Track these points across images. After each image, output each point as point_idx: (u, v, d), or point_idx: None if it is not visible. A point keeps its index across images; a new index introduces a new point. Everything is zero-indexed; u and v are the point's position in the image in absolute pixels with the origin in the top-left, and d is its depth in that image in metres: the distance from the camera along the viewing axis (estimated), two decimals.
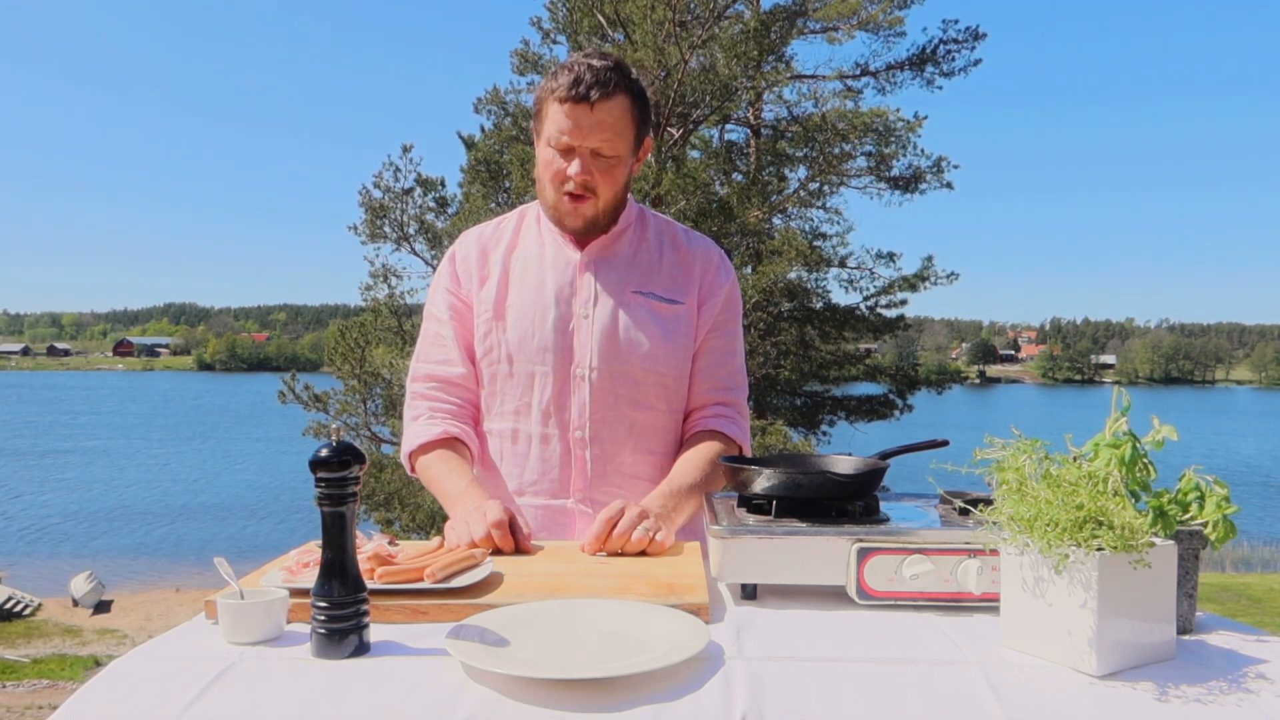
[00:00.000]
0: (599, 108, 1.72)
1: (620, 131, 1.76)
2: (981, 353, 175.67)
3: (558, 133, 1.74)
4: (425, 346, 1.94)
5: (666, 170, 11.61)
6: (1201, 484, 1.19)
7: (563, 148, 1.75)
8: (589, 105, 1.71)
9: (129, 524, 27.42)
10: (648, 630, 1.14)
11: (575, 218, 1.81)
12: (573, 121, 1.72)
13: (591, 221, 1.82)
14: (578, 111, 1.72)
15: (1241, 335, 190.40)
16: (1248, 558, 21.11)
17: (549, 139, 1.76)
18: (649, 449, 1.86)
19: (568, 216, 1.81)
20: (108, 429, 58.71)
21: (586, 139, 1.73)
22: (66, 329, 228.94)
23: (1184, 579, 1.18)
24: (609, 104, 1.73)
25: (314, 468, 1.09)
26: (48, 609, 18.20)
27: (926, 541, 1.28)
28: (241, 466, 40.43)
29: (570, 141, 1.74)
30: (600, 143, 1.74)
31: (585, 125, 1.72)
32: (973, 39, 15.70)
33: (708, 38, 11.96)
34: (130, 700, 0.98)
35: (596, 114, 1.72)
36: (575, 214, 1.80)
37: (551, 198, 1.81)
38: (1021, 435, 1.17)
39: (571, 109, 1.72)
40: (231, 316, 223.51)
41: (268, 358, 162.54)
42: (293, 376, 13.62)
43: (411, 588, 1.26)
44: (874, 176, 16.02)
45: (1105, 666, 1.04)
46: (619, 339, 1.81)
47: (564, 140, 1.74)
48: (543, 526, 1.82)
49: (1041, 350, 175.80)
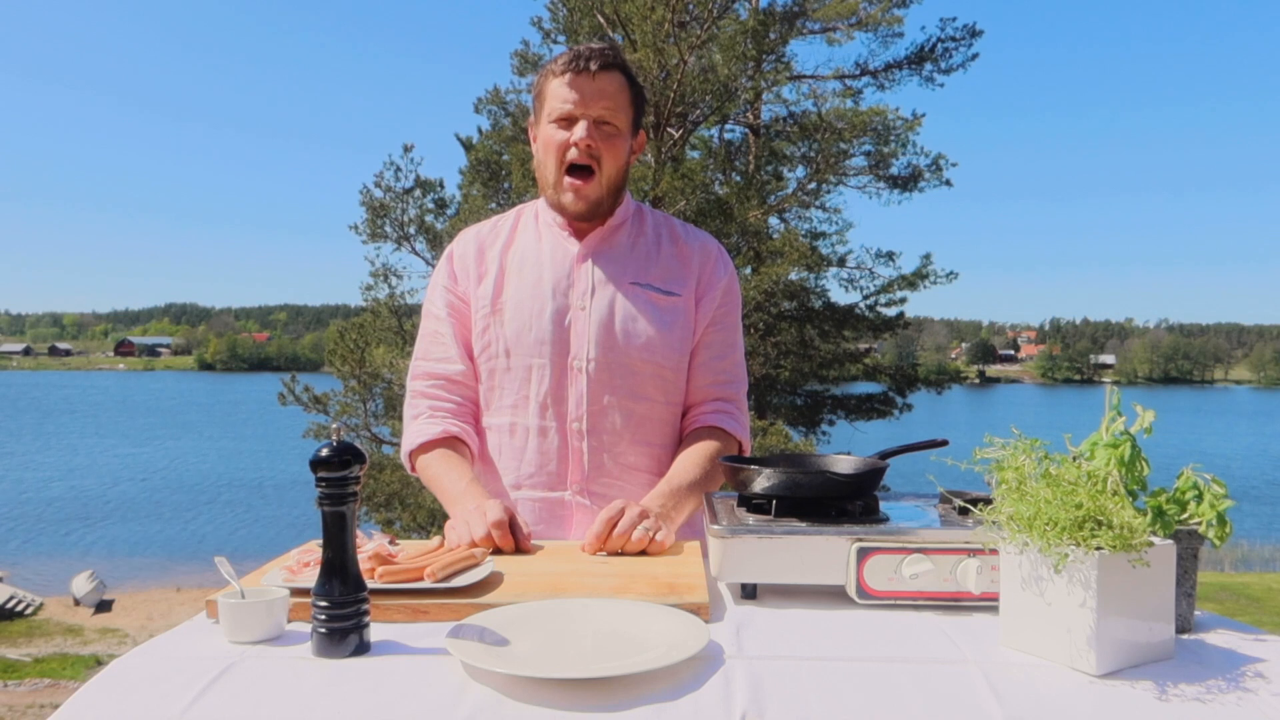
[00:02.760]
0: (600, 77, 1.77)
1: (620, 104, 1.80)
2: (981, 353, 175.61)
3: (560, 104, 1.77)
4: (424, 345, 1.94)
5: (666, 170, 11.61)
6: (1200, 482, 1.19)
7: (566, 117, 1.78)
8: (590, 75, 1.76)
9: (130, 524, 27.42)
10: (648, 630, 1.14)
11: (578, 200, 1.81)
12: (575, 91, 1.76)
13: (595, 204, 1.82)
14: (579, 81, 1.76)
15: (1240, 335, 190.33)
16: (1246, 557, 21.12)
17: (550, 114, 1.79)
18: (646, 440, 1.85)
19: (570, 199, 1.82)
20: (108, 428, 58.69)
21: (589, 107, 1.77)
22: (68, 329, 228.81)
23: (1183, 578, 1.18)
24: (608, 75, 1.78)
25: (314, 468, 1.10)
26: (49, 608, 18.21)
27: (926, 541, 1.28)
28: (242, 466, 40.42)
29: (573, 110, 1.77)
30: (602, 110, 1.77)
31: (588, 93, 1.77)
32: (970, 36, 15.77)
33: (707, 38, 11.96)
34: (131, 699, 0.98)
35: (598, 83, 1.77)
36: (578, 195, 1.81)
37: (554, 177, 1.81)
38: (1021, 435, 1.17)
39: (573, 79, 1.77)
40: (232, 316, 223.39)
41: (268, 358, 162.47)
42: (293, 378, 13.62)
43: (412, 587, 1.26)
44: (873, 175, 16.05)
45: (1104, 666, 1.04)
46: (616, 330, 1.82)
47: (567, 109, 1.77)
48: (540, 519, 1.82)
49: (1041, 350, 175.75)
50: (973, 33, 15.75)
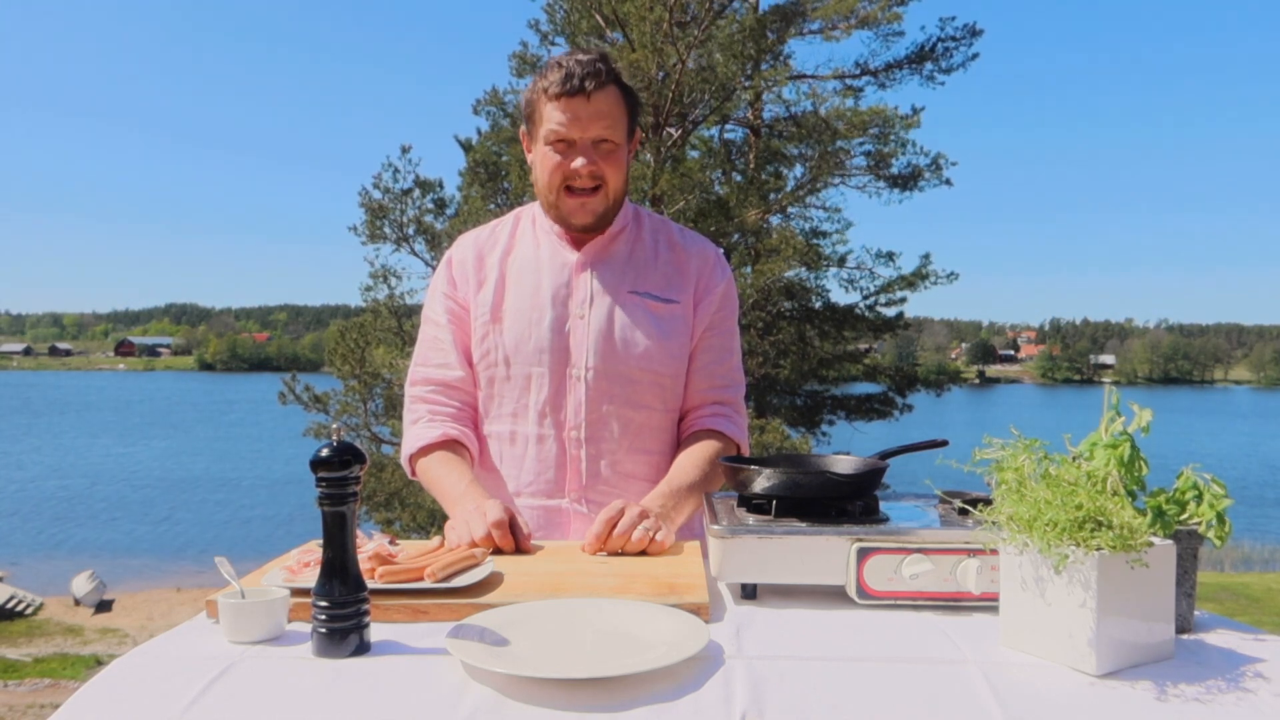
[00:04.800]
0: (595, 98, 1.73)
1: (617, 118, 1.77)
2: (981, 353, 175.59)
3: (556, 128, 1.74)
4: (423, 350, 1.94)
5: (665, 170, 11.61)
6: (1199, 482, 1.19)
7: (563, 141, 1.75)
8: (585, 97, 1.72)
9: (131, 524, 27.41)
10: (647, 630, 1.14)
11: (583, 214, 1.80)
12: (570, 115, 1.73)
13: (602, 216, 1.82)
14: (574, 105, 1.73)
15: (1240, 335, 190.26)
16: (1246, 557, 21.11)
17: (546, 136, 1.76)
18: (645, 448, 1.85)
19: (574, 214, 1.81)
20: (109, 429, 58.70)
21: (587, 130, 1.74)
22: (68, 329, 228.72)
23: (1182, 578, 1.18)
24: (603, 93, 1.74)
25: (315, 468, 1.10)
26: (49, 608, 18.20)
27: (926, 541, 1.28)
28: (243, 466, 40.42)
29: (570, 135, 1.74)
30: (601, 130, 1.75)
31: (584, 116, 1.73)
32: (970, 35, 15.79)
33: (706, 38, 11.96)
34: (131, 699, 0.98)
35: (594, 104, 1.73)
36: (582, 210, 1.80)
37: (554, 198, 1.81)
38: (1021, 435, 1.17)
39: (567, 103, 1.73)
40: (233, 317, 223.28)
41: (268, 358, 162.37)
42: (293, 377, 13.63)
43: (412, 587, 1.26)
44: (873, 175, 16.05)
45: (1104, 666, 1.04)
46: (615, 339, 1.81)
47: (564, 134, 1.74)
48: (539, 527, 1.82)
49: (1041, 350, 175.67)
50: (973, 32, 15.77)
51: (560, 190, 1.79)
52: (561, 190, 1.79)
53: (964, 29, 15.79)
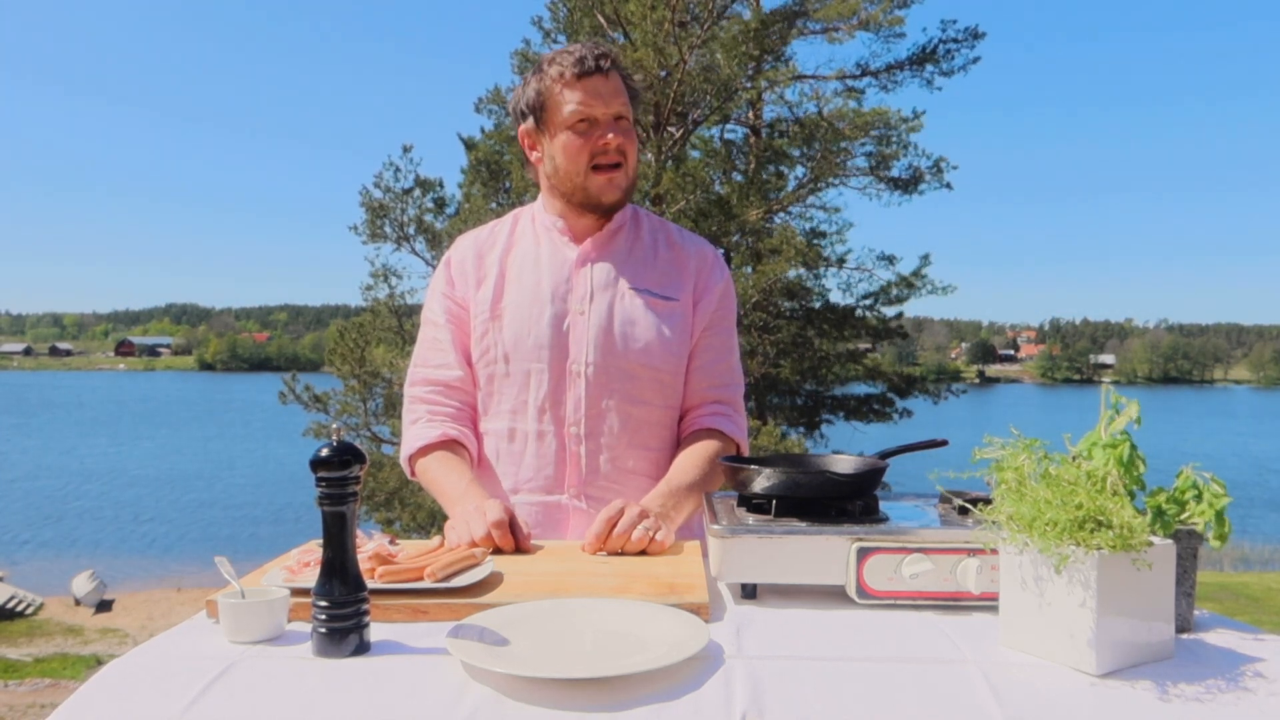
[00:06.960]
0: (611, 76, 1.79)
1: (628, 100, 1.82)
2: (981, 353, 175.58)
3: (579, 108, 1.77)
4: (422, 351, 1.94)
5: (666, 170, 11.61)
6: (1199, 482, 1.19)
7: (585, 121, 1.77)
8: (604, 75, 1.77)
9: (131, 523, 27.42)
10: (648, 630, 1.14)
11: (611, 189, 1.82)
12: (591, 93, 1.77)
13: (627, 192, 1.85)
14: (594, 83, 1.77)
15: (1240, 335, 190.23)
16: (1246, 556, 21.11)
17: (567, 120, 1.78)
18: (644, 445, 1.85)
19: (604, 192, 1.82)
20: (110, 429, 58.70)
21: (609, 105, 1.78)
22: (68, 329, 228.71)
23: (1182, 578, 1.18)
24: (616, 73, 1.80)
25: (314, 467, 1.10)
26: (49, 608, 18.20)
27: (926, 541, 1.28)
28: (242, 466, 40.43)
29: (594, 113, 1.77)
30: (619, 107, 1.79)
31: (605, 93, 1.78)
32: (972, 38, 15.77)
33: (708, 37, 11.97)
34: (131, 699, 0.98)
35: (611, 81, 1.79)
36: (611, 186, 1.82)
37: (581, 179, 1.81)
38: (1020, 435, 1.17)
39: (587, 83, 1.77)
40: (233, 316, 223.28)
41: (269, 357, 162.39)
42: (293, 377, 13.63)
43: (412, 587, 1.26)
44: (874, 177, 16.05)
45: (1104, 665, 1.04)
46: (615, 334, 1.82)
47: (587, 112, 1.77)
48: (538, 523, 1.81)
49: (1040, 350, 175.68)
50: (975, 35, 15.74)
51: (588, 170, 1.80)
52: (589, 170, 1.80)
53: (966, 32, 15.77)
